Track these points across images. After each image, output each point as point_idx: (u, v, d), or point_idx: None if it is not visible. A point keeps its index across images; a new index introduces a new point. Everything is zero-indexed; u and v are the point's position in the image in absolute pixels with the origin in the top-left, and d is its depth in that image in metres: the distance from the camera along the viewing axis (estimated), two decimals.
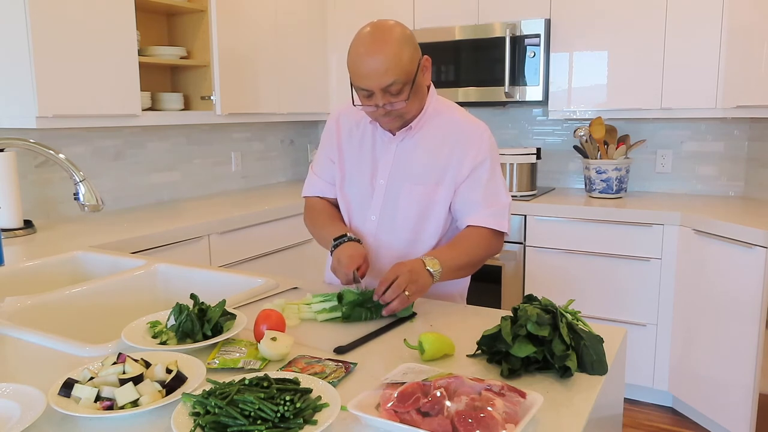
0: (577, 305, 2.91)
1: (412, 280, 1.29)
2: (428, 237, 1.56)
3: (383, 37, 1.36)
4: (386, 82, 1.35)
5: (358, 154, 1.59)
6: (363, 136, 1.59)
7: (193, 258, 2.44)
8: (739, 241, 2.37)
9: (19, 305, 1.39)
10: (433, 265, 1.35)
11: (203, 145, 3.35)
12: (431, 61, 1.50)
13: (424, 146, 1.52)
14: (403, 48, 1.37)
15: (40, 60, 2.15)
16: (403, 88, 1.38)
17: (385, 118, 1.45)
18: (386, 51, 1.34)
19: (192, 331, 1.16)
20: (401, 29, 1.40)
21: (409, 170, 1.53)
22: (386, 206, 1.55)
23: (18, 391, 0.92)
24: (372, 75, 1.35)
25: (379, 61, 1.34)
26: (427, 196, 1.52)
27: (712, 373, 2.55)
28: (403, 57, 1.36)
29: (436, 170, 1.51)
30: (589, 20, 3.01)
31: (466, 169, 1.49)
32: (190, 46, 2.97)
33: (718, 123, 3.13)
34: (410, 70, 1.38)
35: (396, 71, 1.35)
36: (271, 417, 0.81)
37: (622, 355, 1.21)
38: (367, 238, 1.58)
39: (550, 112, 3.18)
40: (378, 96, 1.38)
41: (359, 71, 1.37)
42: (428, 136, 1.52)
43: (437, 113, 1.54)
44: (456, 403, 0.82)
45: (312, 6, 3.54)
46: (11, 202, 2.25)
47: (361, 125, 1.60)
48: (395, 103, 1.40)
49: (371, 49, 1.35)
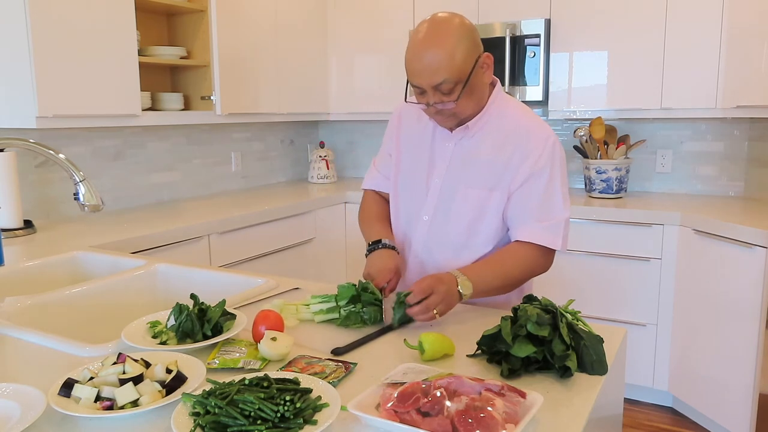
0: (577, 305, 2.88)
1: (444, 302, 1.25)
2: (481, 243, 1.48)
3: (438, 34, 1.30)
4: (436, 80, 1.31)
5: (417, 150, 1.54)
6: (423, 132, 1.54)
7: (193, 258, 2.43)
8: (739, 241, 2.37)
9: (19, 305, 1.39)
10: (465, 287, 1.29)
11: (203, 145, 3.35)
12: (492, 59, 1.40)
13: (483, 148, 1.45)
14: (459, 45, 1.30)
15: (40, 60, 2.15)
16: (455, 88, 1.32)
17: (437, 116, 1.41)
18: (438, 49, 1.29)
19: (192, 331, 1.16)
20: (460, 24, 1.33)
21: (465, 172, 1.46)
22: (439, 207, 1.49)
23: (18, 391, 0.92)
24: (423, 73, 1.31)
25: (430, 59, 1.29)
26: (482, 200, 1.45)
27: (712, 373, 2.55)
28: (457, 55, 1.30)
29: (493, 174, 1.44)
30: (589, 20, 3.01)
31: (522, 175, 1.41)
32: (190, 46, 2.97)
33: (718, 123, 3.13)
34: (463, 70, 1.32)
35: (447, 70, 1.30)
36: (271, 417, 0.81)
37: (622, 355, 1.21)
38: (418, 238, 1.53)
39: (550, 112, 3.18)
40: (429, 94, 1.34)
41: (411, 68, 1.33)
42: (489, 137, 1.45)
43: (501, 113, 1.46)
44: (456, 403, 0.82)
45: (312, 6, 3.54)
46: (11, 202, 2.24)
47: (422, 120, 1.53)
48: (446, 103, 1.34)
49: (424, 46, 1.31)
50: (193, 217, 2.61)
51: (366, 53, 3.57)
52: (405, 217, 1.57)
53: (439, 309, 1.25)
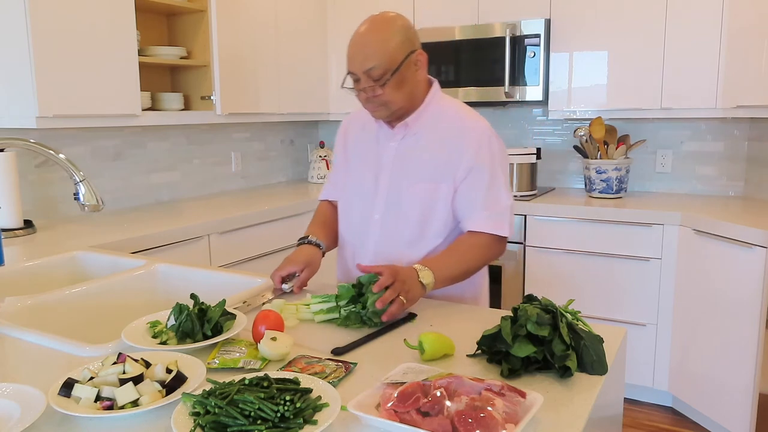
0: (577, 305, 2.91)
1: (405, 290, 1.29)
2: (432, 236, 1.54)
3: (376, 26, 1.42)
4: (368, 65, 1.39)
5: (364, 155, 1.61)
6: (368, 138, 1.61)
7: (193, 258, 2.43)
8: (739, 241, 2.37)
9: (19, 305, 1.39)
10: (426, 276, 1.35)
11: (203, 145, 3.35)
12: (427, 58, 1.50)
13: (425, 144, 1.52)
14: (393, 37, 1.40)
15: (41, 60, 2.15)
16: (384, 75, 1.40)
17: (369, 105, 1.48)
18: (374, 37, 1.40)
19: (192, 331, 1.16)
20: (400, 21, 1.44)
21: (410, 168, 1.53)
22: (389, 205, 1.55)
23: (18, 391, 0.92)
24: (357, 57, 1.41)
25: (364, 45, 1.40)
26: (430, 193, 1.51)
27: (712, 373, 2.55)
28: (389, 45, 1.40)
29: (437, 168, 1.51)
30: (589, 20, 3.01)
31: (465, 168, 1.49)
32: (190, 46, 2.97)
33: (718, 123, 3.13)
34: (394, 59, 1.40)
35: (378, 56, 1.39)
36: (271, 417, 0.81)
37: (622, 355, 1.21)
38: (372, 237, 1.58)
39: (550, 112, 3.18)
40: (362, 80, 1.43)
41: (349, 54, 1.44)
42: (429, 133, 1.53)
43: (439, 111, 1.54)
44: (456, 403, 0.82)
45: (312, 6, 3.54)
46: (11, 202, 2.24)
47: (367, 127, 1.61)
48: (375, 89, 1.42)
49: (362, 35, 1.42)
50: (193, 217, 2.61)
51: None
52: (358, 219, 1.62)
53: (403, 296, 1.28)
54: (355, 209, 1.63)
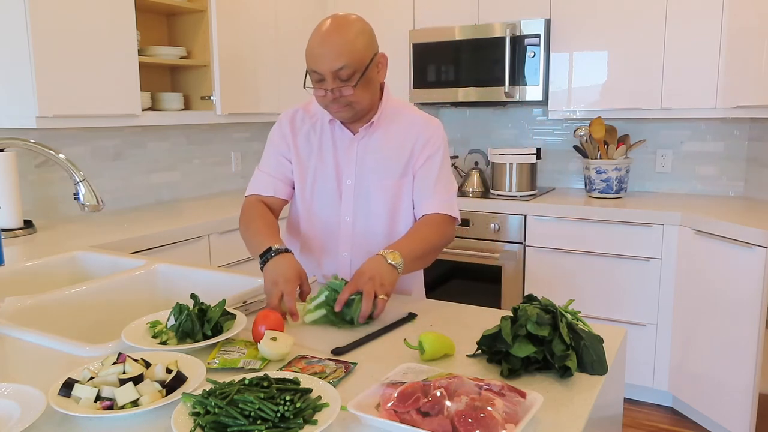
0: (577, 305, 2.91)
1: (378, 285, 1.28)
2: (404, 228, 1.59)
3: (341, 25, 1.41)
4: (337, 65, 1.39)
5: (320, 158, 1.59)
6: (321, 139, 1.59)
7: (193, 258, 2.43)
8: (739, 241, 2.37)
9: (19, 305, 1.39)
10: (395, 258, 1.35)
11: (203, 145, 3.35)
12: (387, 60, 1.53)
13: (386, 142, 1.56)
14: (359, 37, 1.41)
15: (41, 60, 2.15)
16: (353, 75, 1.41)
17: (333, 105, 1.46)
18: (341, 37, 1.39)
19: (192, 331, 1.16)
20: (361, 23, 1.45)
21: (374, 167, 1.56)
22: (358, 205, 1.57)
23: (18, 391, 0.92)
24: (325, 58, 1.39)
25: (333, 45, 1.39)
26: (396, 188, 1.56)
27: (712, 373, 2.55)
28: (357, 44, 1.40)
29: (400, 163, 1.56)
30: (589, 20, 3.01)
31: (423, 158, 1.56)
32: (190, 46, 2.97)
33: (718, 123, 3.13)
34: (363, 59, 1.42)
35: (348, 56, 1.39)
36: (271, 417, 0.81)
37: (622, 355, 1.21)
38: (343, 239, 1.59)
39: (550, 112, 3.18)
40: (328, 81, 1.41)
41: (313, 54, 1.41)
42: (388, 132, 1.56)
43: (396, 111, 1.59)
44: (456, 403, 0.82)
45: (312, 6, 3.54)
46: (11, 202, 2.24)
47: (317, 128, 1.60)
48: (343, 89, 1.42)
49: (328, 34, 1.40)
50: (193, 217, 2.61)
51: None
52: (321, 223, 1.62)
53: (379, 292, 1.28)
54: (320, 214, 1.61)
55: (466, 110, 3.75)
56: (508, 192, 3.16)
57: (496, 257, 3.03)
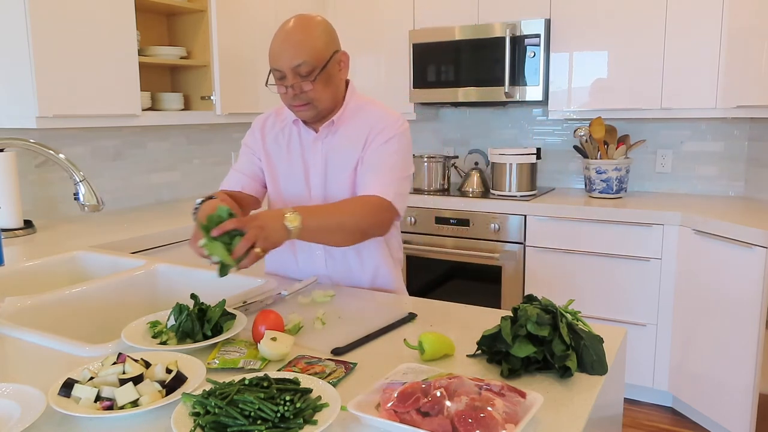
0: (577, 305, 2.91)
1: (262, 237, 1.23)
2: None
3: (302, 24, 1.45)
4: (296, 62, 1.41)
5: (288, 159, 1.62)
6: (290, 141, 1.62)
7: (193, 258, 2.42)
8: (739, 241, 2.37)
9: (19, 305, 1.39)
10: (293, 220, 1.28)
11: (203, 145, 3.35)
12: (349, 58, 1.55)
13: (347, 139, 1.56)
14: (319, 35, 1.44)
15: (41, 60, 2.15)
16: (312, 71, 1.43)
17: (295, 102, 1.48)
18: (300, 34, 1.43)
19: (192, 331, 1.16)
20: (323, 22, 1.48)
21: (338, 163, 1.57)
22: (328, 202, 1.57)
23: (18, 391, 0.92)
24: (284, 54, 1.42)
25: (292, 42, 1.42)
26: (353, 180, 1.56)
27: (712, 373, 2.55)
28: (317, 42, 1.43)
29: (358, 154, 1.55)
30: (589, 20, 3.01)
31: (374, 145, 1.53)
32: (190, 46, 2.97)
33: (718, 123, 3.13)
34: (322, 56, 1.44)
35: (307, 53, 1.41)
36: (271, 417, 0.81)
37: (622, 355, 1.21)
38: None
39: (550, 112, 3.18)
40: (289, 77, 1.44)
41: (274, 51, 1.44)
42: (349, 129, 1.57)
43: (359, 108, 1.59)
44: (456, 403, 0.82)
45: (311, 7, 3.54)
46: (11, 202, 2.24)
47: (285, 130, 1.63)
48: (303, 85, 1.44)
49: (288, 32, 1.44)
50: None
51: (366, 54, 3.57)
52: None
53: (259, 244, 1.22)
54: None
55: (466, 110, 3.75)
56: (508, 192, 3.16)
57: (496, 257, 3.03)
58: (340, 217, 1.41)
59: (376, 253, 1.64)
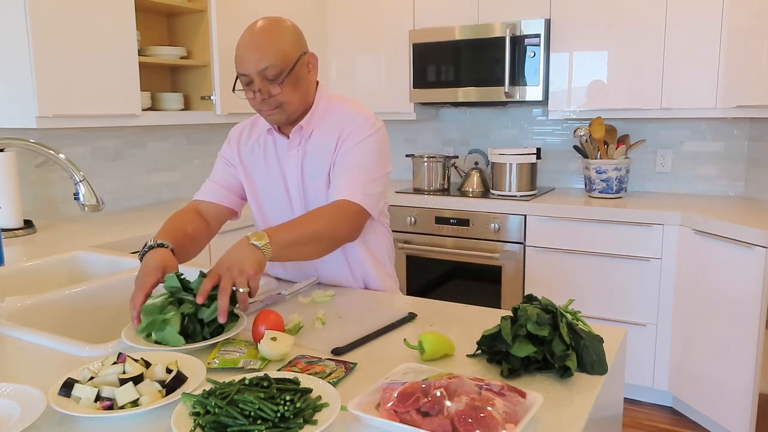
0: (577, 305, 2.91)
1: (237, 273, 1.18)
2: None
3: (267, 27, 1.42)
4: (262, 65, 1.39)
5: (266, 168, 1.59)
6: (266, 151, 1.59)
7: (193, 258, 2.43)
8: (739, 241, 2.37)
9: (19, 305, 1.39)
10: (258, 238, 1.25)
11: (203, 145, 3.35)
12: (318, 60, 1.52)
13: (322, 141, 1.52)
14: (285, 37, 1.42)
15: (41, 60, 2.15)
16: (280, 74, 1.41)
17: (265, 107, 1.45)
18: (266, 38, 1.40)
19: (192, 331, 1.16)
20: (290, 24, 1.46)
21: (313, 169, 1.53)
22: (309, 209, 1.54)
23: (18, 391, 0.92)
24: (250, 58, 1.39)
25: (258, 45, 1.39)
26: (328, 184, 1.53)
27: (712, 373, 2.55)
28: (283, 45, 1.41)
29: (328, 159, 1.52)
30: (589, 20, 3.01)
31: (345, 147, 1.49)
32: (190, 46, 2.97)
33: (718, 123, 3.13)
34: (289, 58, 1.42)
35: (273, 56, 1.39)
36: (271, 417, 0.81)
37: (622, 355, 1.21)
38: None
39: (550, 112, 3.18)
40: (256, 81, 1.41)
41: (240, 56, 1.41)
42: (323, 131, 1.52)
43: (328, 108, 1.55)
44: (456, 403, 0.82)
45: (312, 7, 3.54)
46: (11, 202, 2.25)
47: (261, 141, 1.60)
48: (271, 88, 1.41)
49: (254, 36, 1.41)
50: None
51: (366, 54, 3.57)
52: None
53: (239, 283, 1.17)
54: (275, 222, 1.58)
55: (466, 110, 3.75)
56: (508, 192, 3.16)
57: (496, 257, 3.03)
58: (311, 227, 1.37)
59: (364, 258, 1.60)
